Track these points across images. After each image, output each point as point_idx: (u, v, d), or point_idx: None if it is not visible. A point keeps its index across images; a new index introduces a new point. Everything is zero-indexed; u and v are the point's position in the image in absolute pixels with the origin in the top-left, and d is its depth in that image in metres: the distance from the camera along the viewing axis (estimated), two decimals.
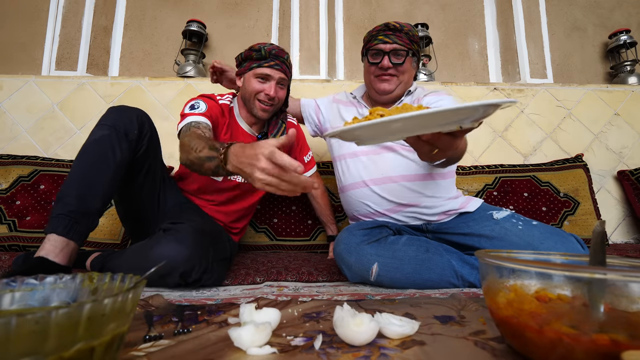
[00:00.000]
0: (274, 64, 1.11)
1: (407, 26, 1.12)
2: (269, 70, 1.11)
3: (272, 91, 1.12)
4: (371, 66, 1.14)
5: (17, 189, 1.51)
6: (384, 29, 1.11)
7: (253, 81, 1.13)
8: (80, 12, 2.09)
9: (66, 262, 0.86)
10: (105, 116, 0.97)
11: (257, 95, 1.13)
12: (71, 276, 0.43)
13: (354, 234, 0.97)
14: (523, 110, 2.01)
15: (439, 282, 0.90)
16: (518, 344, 0.42)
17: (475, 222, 1.05)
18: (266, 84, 1.12)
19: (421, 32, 2.12)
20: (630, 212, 1.87)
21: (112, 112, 0.98)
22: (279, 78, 1.13)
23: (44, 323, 0.28)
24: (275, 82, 1.12)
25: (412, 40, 1.11)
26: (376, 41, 1.11)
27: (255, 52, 1.11)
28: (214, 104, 1.14)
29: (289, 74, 1.16)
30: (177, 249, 0.82)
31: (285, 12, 2.17)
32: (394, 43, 1.09)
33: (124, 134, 0.95)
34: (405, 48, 1.10)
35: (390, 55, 1.10)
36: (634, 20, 2.31)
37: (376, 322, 0.48)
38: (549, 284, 0.44)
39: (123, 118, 0.97)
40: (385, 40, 1.10)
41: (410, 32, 1.11)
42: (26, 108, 1.88)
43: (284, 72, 1.13)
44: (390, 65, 1.10)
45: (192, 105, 1.09)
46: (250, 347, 0.45)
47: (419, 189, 1.07)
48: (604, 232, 0.46)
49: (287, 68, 1.14)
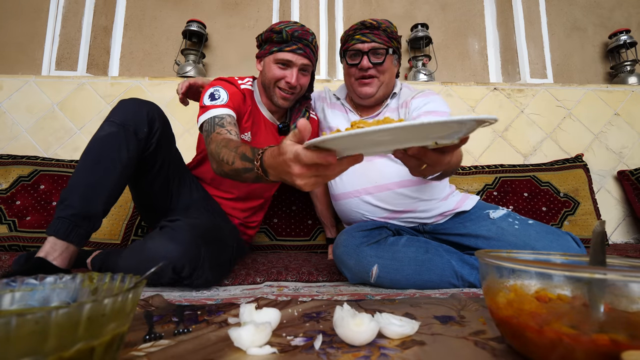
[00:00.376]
0: (296, 47, 1.01)
1: (385, 22, 1.07)
2: (290, 55, 1.01)
3: (294, 79, 1.03)
4: (350, 68, 1.10)
5: (17, 189, 1.51)
6: (361, 28, 1.06)
7: (273, 67, 1.03)
8: (80, 12, 2.09)
9: (66, 264, 0.85)
10: (115, 111, 0.93)
11: (277, 82, 1.04)
12: (71, 276, 0.43)
13: (353, 235, 0.97)
14: (523, 110, 2.01)
15: (439, 282, 0.90)
16: (518, 344, 0.42)
17: (472, 222, 1.05)
18: (287, 71, 1.03)
19: (421, 32, 2.12)
20: (630, 212, 1.87)
21: (122, 107, 0.94)
22: (302, 64, 1.03)
23: (44, 323, 0.28)
24: (297, 68, 1.03)
25: (390, 37, 1.07)
26: (353, 41, 1.06)
27: (276, 34, 1.01)
28: (236, 91, 1.05)
29: (313, 59, 1.06)
30: (169, 246, 0.81)
31: (285, 12, 2.17)
32: (372, 42, 1.05)
33: (133, 133, 0.91)
34: (384, 46, 1.05)
35: (369, 54, 1.05)
36: (634, 20, 2.31)
37: (376, 322, 0.48)
38: (549, 284, 0.44)
39: (134, 114, 0.93)
40: (363, 40, 1.05)
41: (389, 28, 1.06)
42: (26, 108, 1.88)
43: (308, 56, 1.03)
44: (370, 65, 1.06)
45: (211, 95, 0.99)
46: (250, 347, 0.45)
47: (413, 194, 1.06)
48: (604, 232, 0.46)
49: (311, 52, 1.04)
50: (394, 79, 1.15)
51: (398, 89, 1.17)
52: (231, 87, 1.04)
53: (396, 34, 1.09)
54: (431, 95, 1.10)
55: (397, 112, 1.13)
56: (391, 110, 1.14)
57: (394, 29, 1.08)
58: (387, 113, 1.14)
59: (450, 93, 2.00)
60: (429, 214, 1.08)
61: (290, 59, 1.01)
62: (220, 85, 1.02)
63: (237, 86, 1.06)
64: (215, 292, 0.85)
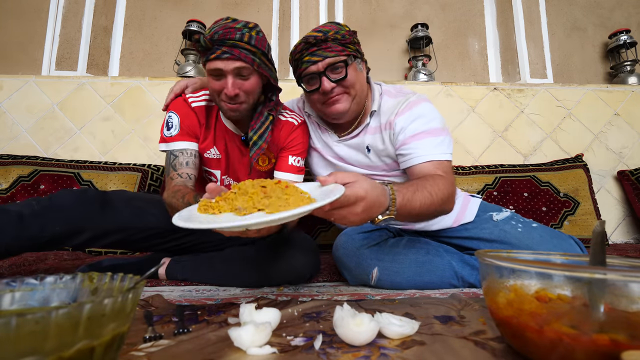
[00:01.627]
0: (221, 52, 0.86)
1: (332, 28, 0.92)
2: (217, 63, 0.87)
3: (229, 88, 0.88)
4: (312, 95, 0.97)
5: (17, 189, 1.51)
6: (307, 47, 0.91)
7: (210, 79, 0.92)
8: (80, 12, 2.09)
9: None
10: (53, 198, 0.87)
11: (219, 95, 0.93)
12: (71, 276, 0.43)
13: (353, 237, 0.96)
14: (523, 110, 2.01)
15: (439, 284, 0.90)
16: (518, 344, 0.42)
17: (474, 225, 1.03)
18: (222, 81, 0.90)
19: (421, 32, 2.12)
20: (630, 212, 1.87)
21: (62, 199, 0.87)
22: (234, 69, 0.88)
23: (44, 323, 0.28)
24: (231, 75, 0.88)
25: (344, 44, 0.92)
26: (304, 64, 0.92)
27: (197, 42, 0.90)
28: (187, 112, 1.00)
29: (249, 58, 0.87)
30: (304, 258, 0.92)
31: (285, 12, 2.17)
32: (325, 58, 0.90)
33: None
34: (340, 57, 0.90)
35: (327, 74, 0.91)
36: (634, 20, 2.31)
37: (376, 322, 0.48)
38: (549, 284, 0.44)
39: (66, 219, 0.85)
40: (314, 60, 0.90)
41: (338, 33, 0.91)
42: (26, 108, 1.88)
43: (239, 57, 0.86)
44: (333, 85, 0.92)
45: (167, 124, 1.00)
46: (250, 347, 0.45)
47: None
48: (604, 232, 0.46)
49: (243, 50, 0.87)
50: (366, 85, 1.01)
51: (377, 103, 1.00)
52: (183, 108, 1.00)
53: (349, 36, 0.93)
54: (417, 105, 0.95)
55: (381, 135, 1.00)
56: (372, 132, 1.01)
57: (344, 30, 0.93)
58: (367, 136, 1.01)
59: (450, 93, 2.00)
60: (430, 227, 1.05)
61: (219, 66, 0.87)
62: (172, 110, 1.00)
63: (189, 105, 1.00)
64: (215, 292, 0.85)
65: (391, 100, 1.00)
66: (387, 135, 0.98)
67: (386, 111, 0.99)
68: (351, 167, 1.07)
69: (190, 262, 0.98)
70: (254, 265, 0.91)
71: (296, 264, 0.91)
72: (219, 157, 1.05)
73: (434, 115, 0.95)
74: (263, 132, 0.95)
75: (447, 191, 0.80)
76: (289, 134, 1.06)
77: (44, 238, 0.82)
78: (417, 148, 0.91)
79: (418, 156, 0.90)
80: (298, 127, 1.07)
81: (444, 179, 0.83)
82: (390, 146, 0.99)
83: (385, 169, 1.04)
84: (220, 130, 1.04)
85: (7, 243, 0.80)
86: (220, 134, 1.04)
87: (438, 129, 0.93)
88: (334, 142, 1.07)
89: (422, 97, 0.99)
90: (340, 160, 1.08)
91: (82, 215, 0.86)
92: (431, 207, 0.76)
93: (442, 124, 0.95)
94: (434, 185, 0.78)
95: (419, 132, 0.92)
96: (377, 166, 1.04)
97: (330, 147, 1.07)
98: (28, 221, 0.81)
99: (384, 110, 1.00)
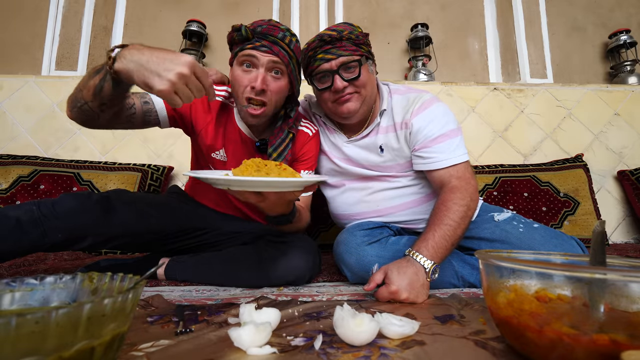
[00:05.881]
0: (260, 44, 0.85)
1: (346, 28, 0.92)
2: (255, 51, 0.85)
3: (259, 81, 0.85)
4: (323, 93, 0.96)
5: (17, 189, 1.51)
6: (321, 45, 0.91)
7: (237, 71, 0.89)
8: (80, 12, 2.09)
9: None
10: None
11: (244, 91, 0.88)
12: (71, 276, 0.43)
13: (354, 234, 0.96)
14: (523, 110, 2.01)
15: (439, 282, 0.90)
16: (518, 344, 0.42)
17: (475, 224, 1.03)
18: (252, 73, 0.87)
19: (421, 32, 2.12)
20: (630, 212, 1.87)
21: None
22: (269, 62, 0.86)
23: (44, 323, 0.28)
24: (263, 68, 0.86)
25: (358, 44, 0.92)
26: (317, 62, 0.91)
27: (237, 32, 0.87)
28: (202, 99, 0.97)
29: (285, 58, 0.87)
30: (305, 258, 0.92)
31: (285, 12, 2.17)
32: (339, 56, 0.90)
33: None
34: (354, 57, 0.90)
35: (340, 72, 0.90)
36: (634, 20, 2.31)
37: (376, 322, 0.48)
38: (549, 284, 0.44)
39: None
40: (327, 57, 0.90)
41: (352, 34, 0.91)
42: (26, 108, 1.88)
43: (277, 54, 0.86)
44: (345, 83, 0.91)
45: None
46: (250, 347, 0.45)
47: (415, 216, 1.04)
48: (604, 232, 0.46)
49: (281, 50, 0.86)
50: (375, 88, 1.01)
51: (387, 102, 1.01)
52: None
53: (362, 37, 0.94)
54: (432, 105, 0.97)
55: (395, 134, 1.00)
56: (384, 131, 1.01)
57: (357, 31, 0.93)
58: (379, 135, 1.01)
59: (450, 93, 2.00)
60: None
61: (255, 54, 0.85)
62: None
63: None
64: (215, 292, 0.85)
65: (402, 99, 1.01)
66: (403, 135, 0.99)
67: (399, 110, 0.99)
68: (359, 168, 1.05)
69: (190, 262, 0.98)
70: (254, 265, 0.91)
71: (296, 264, 0.90)
72: (225, 159, 1.02)
73: (449, 117, 0.97)
74: (283, 150, 0.94)
75: (464, 201, 0.85)
76: (303, 146, 1.04)
77: (45, 245, 0.82)
78: (438, 152, 0.94)
79: (439, 161, 0.93)
80: (312, 138, 1.05)
81: (458, 190, 0.87)
82: (405, 146, 0.99)
83: (397, 169, 1.03)
84: (232, 132, 1.01)
85: (6, 249, 0.79)
86: (231, 137, 1.01)
87: (455, 130, 0.96)
88: (344, 143, 1.06)
89: (434, 97, 1.01)
90: (348, 162, 1.06)
91: (85, 222, 0.85)
92: (458, 229, 0.82)
93: (456, 124, 0.98)
94: (448, 208, 0.84)
95: (438, 135, 0.94)
96: (390, 167, 1.03)
97: (339, 148, 1.06)
98: (27, 227, 0.79)
99: (395, 108, 1.00)
